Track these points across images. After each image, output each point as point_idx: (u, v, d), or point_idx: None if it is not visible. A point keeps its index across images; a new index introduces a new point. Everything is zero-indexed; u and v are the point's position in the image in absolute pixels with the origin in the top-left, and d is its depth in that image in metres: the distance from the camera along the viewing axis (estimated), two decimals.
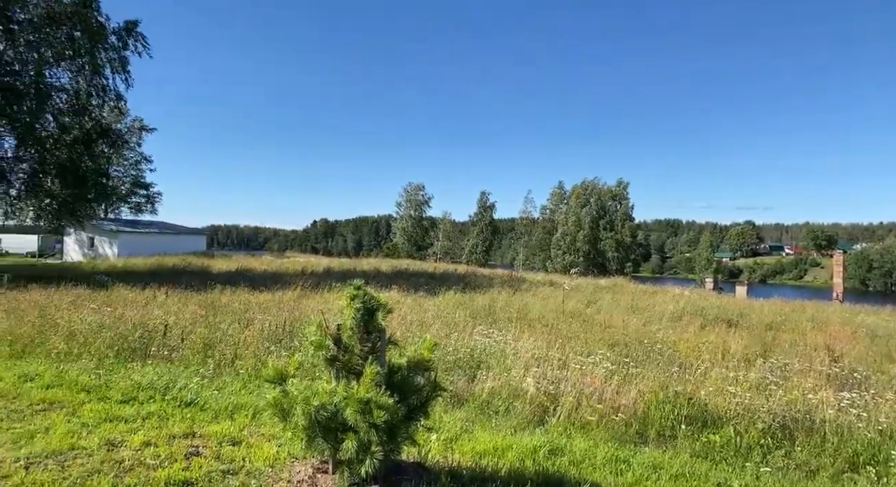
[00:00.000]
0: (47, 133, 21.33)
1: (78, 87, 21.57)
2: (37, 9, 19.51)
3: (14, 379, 6.60)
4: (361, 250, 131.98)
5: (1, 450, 4.12)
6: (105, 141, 23.74)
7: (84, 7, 19.92)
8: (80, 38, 20.29)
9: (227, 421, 5.43)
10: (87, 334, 8.87)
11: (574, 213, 73.61)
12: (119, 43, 21.45)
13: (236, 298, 14.36)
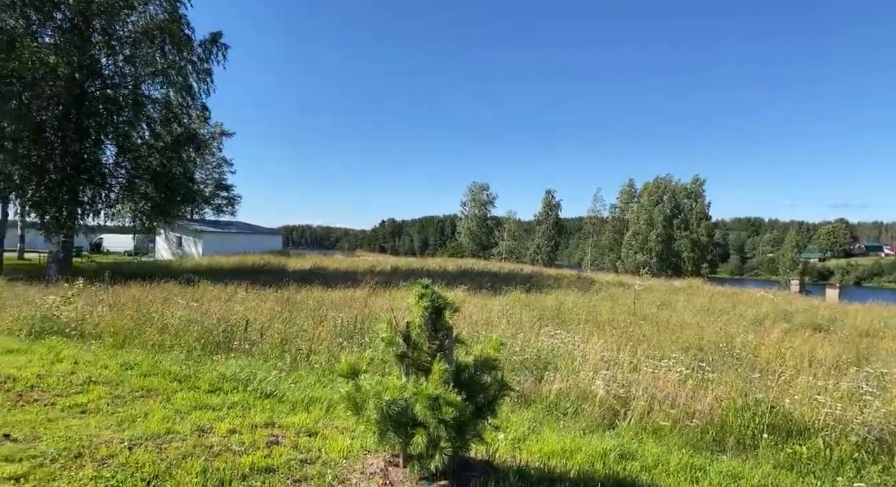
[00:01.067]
0: (142, 141, 23.14)
1: (168, 97, 23.28)
2: (134, 25, 21.21)
3: (117, 368, 7.24)
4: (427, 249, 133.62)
5: (107, 432, 4.55)
6: (191, 146, 25.42)
7: (172, 22, 21.45)
8: (171, 52, 21.87)
9: (303, 413, 5.71)
10: (178, 327, 9.55)
11: (646, 212, 71.05)
12: (204, 54, 22.93)
13: (310, 295, 15.00)
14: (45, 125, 19.42)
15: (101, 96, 21.77)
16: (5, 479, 3.52)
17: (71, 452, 4.00)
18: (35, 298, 11.64)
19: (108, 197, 23.24)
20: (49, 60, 18.03)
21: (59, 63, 18.32)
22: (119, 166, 23.39)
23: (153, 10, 21.38)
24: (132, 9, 20.40)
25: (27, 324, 9.70)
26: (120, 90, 22.10)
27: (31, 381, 6.06)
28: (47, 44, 19.43)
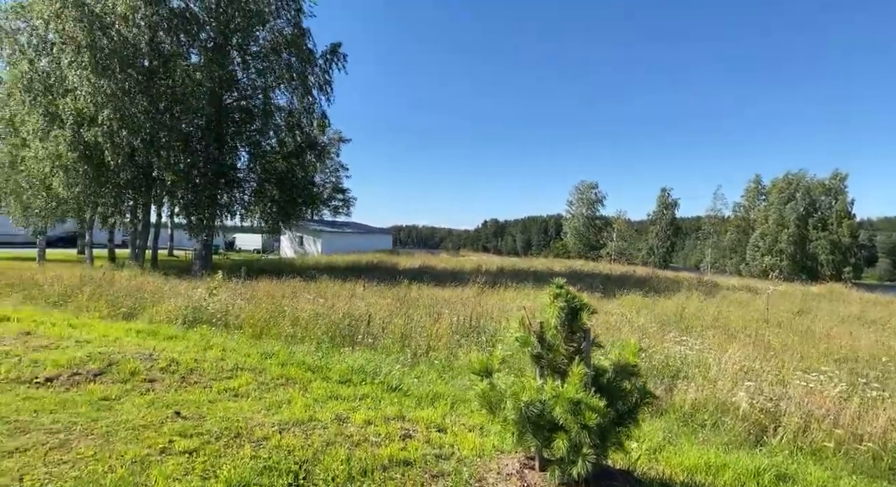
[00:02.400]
0: (270, 147, 25.10)
1: (293, 106, 25.03)
2: (265, 40, 23.07)
3: (258, 356, 7.86)
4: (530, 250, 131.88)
5: (259, 415, 4.93)
6: (312, 152, 27.14)
7: (298, 36, 23.03)
8: (295, 63, 23.51)
9: (429, 408, 5.81)
10: (307, 321, 10.19)
11: (776, 210, 64.76)
12: (325, 64, 24.38)
13: (423, 293, 15.36)
14: (191, 135, 21.70)
15: (236, 107, 23.92)
16: (181, 452, 3.92)
17: (231, 432, 4.36)
18: (185, 291, 12.99)
19: (242, 199, 25.46)
20: (196, 77, 20.13)
21: (203, 79, 20.38)
22: (251, 171, 25.54)
23: (281, 25, 23.10)
24: (264, 24, 22.20)
25: (181, 314, 10.86)
26: (252, 101, 24.14)
27: (190, 365, 6.74)
28: (194, 62, 21.71)
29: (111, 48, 18.42)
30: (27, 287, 13.48)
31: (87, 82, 18.03)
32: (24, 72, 19.21)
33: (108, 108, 18.33)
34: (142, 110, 19.42)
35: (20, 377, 5.79)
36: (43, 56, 19.71)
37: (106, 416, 4.67)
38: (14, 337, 7.70)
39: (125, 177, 20.79)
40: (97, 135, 18.51)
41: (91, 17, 18.03)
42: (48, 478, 3.41)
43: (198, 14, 21.46)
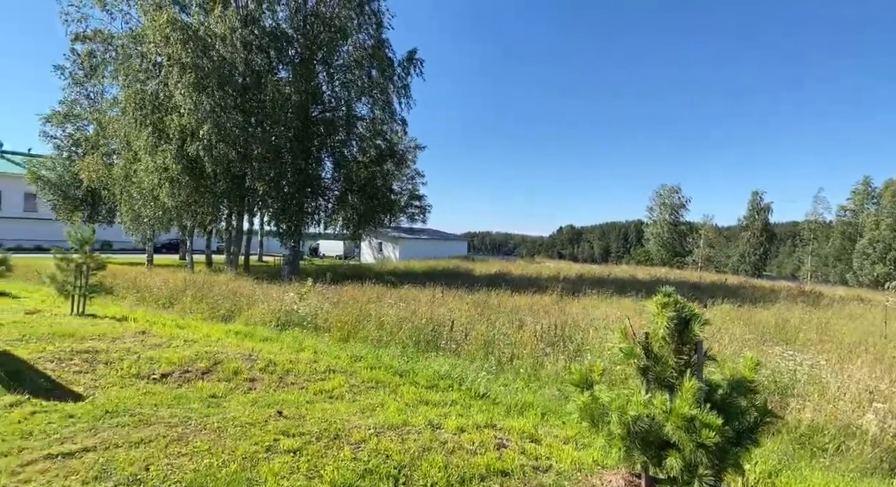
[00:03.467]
0: (351, 156, 25.98)
1: (373, 116, 25.79)
2: (348, 54, 23.98)
3: (348, 359, 8.07)
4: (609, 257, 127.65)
5: (355, 418, 5.03)
6: (392, 160, 27.81)
7: (378, 47, 23.72)
8: (376, 75, 24.22)
9: (519, 417, 5.69)
10: (392, 325, 10.37)
11: (889, 215, 58.75)
12: (403, 72, 24.93)
13: (502, 300, 15.22)
14: (280, 147, 22.88)
15: (321, 119, 24.97)
16: (286, 451, 4.05)
17: (330, 433, 4.47)
18: (276, 295, 13.62)
19: (326, 207, 26.50)
20: (285, 91, 21.24)
21: (291, 93, 21.46)
22: (335, 180, 26.54)
23: (362, 39, 23.91)
24: (346, 38, 23.08)
25: (274, 317, 11.40)
26: (336, 112, 25.11)
27: (287, 366, 7.02)
28: (283, 78, 22.92)
29: (211, 67, 19.82)
30: (140, 289, 14.69)
31: (190, 100, 19.48)
32: (136, 92, 21.07)
33: (207, 124, 19.70)
34: (237, 124, 20.72)
35: (140, 373, 6.27)
36: (152, 78, 21.53)
37: (216, 413, 4.94)
38: (132, 335, 8.39)
39: (222, 188, 22.24)
40: (198, 148, 19.93)
41: (194, 40, 19.51)
42: (170, 470, 3.63)
43: (287, 32, 22.66)
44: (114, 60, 24.01)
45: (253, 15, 21.45)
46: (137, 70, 21.47)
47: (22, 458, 3.71)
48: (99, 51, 25.59)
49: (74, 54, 27.62)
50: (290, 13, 22.83)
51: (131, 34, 22.67)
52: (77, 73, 28.56)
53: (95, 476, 3.48)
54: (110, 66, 24.73)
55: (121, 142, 23.72)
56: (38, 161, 34.28)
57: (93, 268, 11.24)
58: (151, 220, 25.37)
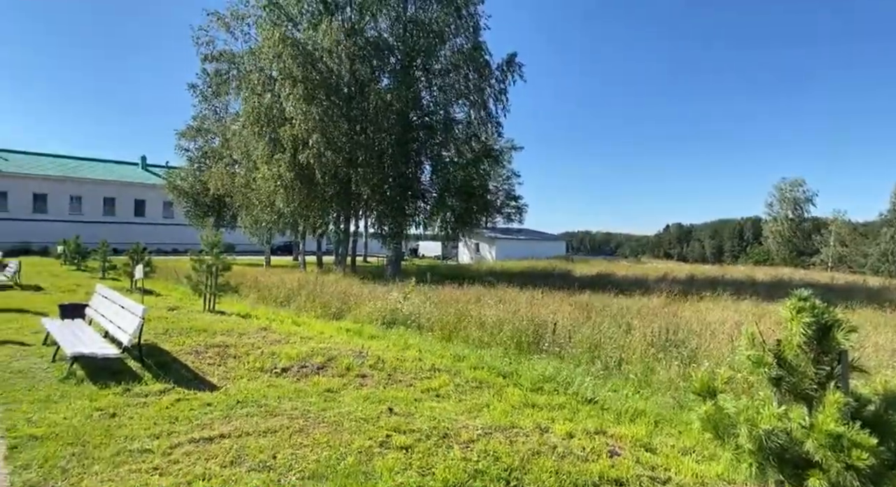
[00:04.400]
0: (449, 159, 26.39)
1: (470, 119, 26.04)
2: (445, 58, 24.42)
3: (451, 358, 8.19)
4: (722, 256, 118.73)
5: (462, 417, 5.09)
6: (488, 161, 27.89)
7: (475, 50, 23.90)
8: (473, 77, 24.43)
9: (630, 425, 5.44)
10: (493, 326, 10.38)
11: None
12: (501, 75, 24.92)
13: (606, 301, 14.70)
14: (383, 152, 23.81)
15: (420, 124, 25.65)
16: (398, 447, 4.19)
17: (439, 432, 4.56)
18: (382, 294, 14.14)
19: (425, 209, 27.17)
20: (386, 99, 22.07)
21: (392, 100, 22.26)
22: (433, 183, 27.14)
23: (460, 43, 24.24)
24: (444, 43, 23.54)
25: (380, 315, 11.86)
26: (434, 117, 25.66)
27: (394, 364, 7.27)
28: (384, 86, 23.84)
29: (319, 80, 21.07)
30: (260, 288, 15.93)
31: (300, 111, 20.85)
32: (254, 106, 22.92)
33: (316, 133, 20.96)
34: (342, 133, 21.86)
35: (263, 367, 6.80)
36: (268, 91, 23.30)
37: (332, 407, 5.23)
38: (256, 331, 9.12)
39: (330, 193, 23.55)
40: (308, 156, 21.26)
41: (304, 54, 20.84)
42: (294, 459, 3.89)
43: (388, 40, 23.52)
44: (236, 78, 26.31)
45: (356, 26, 22.50)
46: (255, 85, 23.34)
47: (171, 441, 4.16)
48: (224, 69, 28.15)
49: (204, 74, 30.61)
50: (391, 22, 23.67)
51: (250, 52, 24.69)
52: (206, 91, 31.57)
53: (231, 461, 3.81)
54: (233, 82, 27.11)
55: (242, 152, 25.90)
56: (174, 172, 38.39)
57: (221, 269, 12.36)
58: (269, 224, 27.47)
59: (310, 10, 23.49)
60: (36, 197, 49.76)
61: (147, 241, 23.10)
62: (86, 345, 6.21)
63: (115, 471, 3.59)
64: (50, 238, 40.15)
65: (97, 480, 3.45)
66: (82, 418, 4.64)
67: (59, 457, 3.79)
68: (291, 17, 23.86)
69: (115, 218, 52.81)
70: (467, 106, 26.06)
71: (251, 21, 25.59)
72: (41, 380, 5.84)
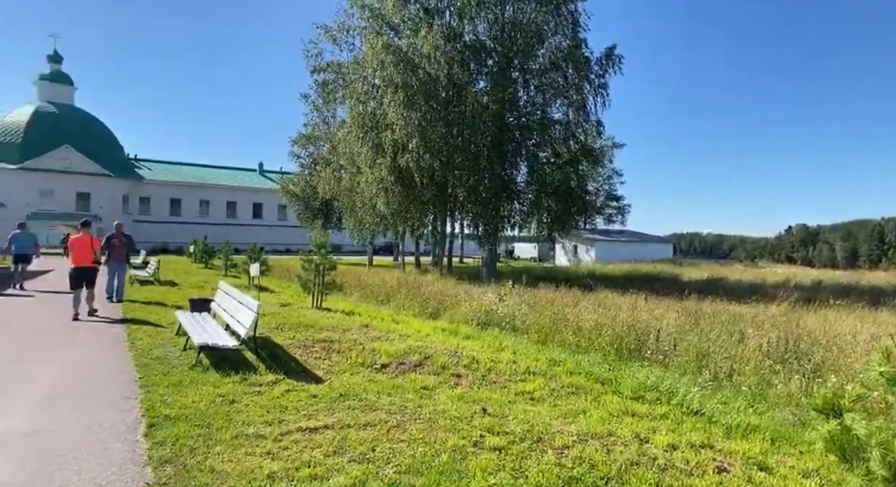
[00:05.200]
0: (546, 159, 25.98)
1: (568, 118, 25.50)
2: (543, 58, 24.12)
3: (546, 362, 8.08)
4: (857, 261, 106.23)
5: (557, 422, 5.00)
6: (587, 161, 27.11)
7: (575, 49, 23.36)
8: (571, 75, 23.90)
9: (742, 441, 5.05)
10: (590, 330, 10.08)
11: None
12: (600, 70, 24.15)
13: (716, 308, 13.73)
14: (478, 154, 23.99)
15: (516, 125, 25.53)
16: (491, 448, 4.21)
17: (533, 435, 4.52)
18: (477, 295, 14.23)
19: (521, 210, 26.99)
20: (483, 101, 22.23)
21: (489, 102, 22.38)
22: (529, 184, 26.87)
23: (558, 40, 23.82)
24: (542, 42, 23.26)
25: (475, 316, 11.96)
26: (531, 117, 25.43)
27: (488, 365, 7.31)
28: (481, 88, 24.02)
29: (418, 85, 21.69)
30: (363, 287, 16.70)
31: (401, 116, 21.59)
32: (358, 113, 24.08)
33: (415, 137, 21.60)
34: (440, 136, 22.32)
35: (364, 362, 7.13)
36: (371, 99, 24.36)
37: (427, 404, 5.37)
38: (358, 328, 9.58)
39: (428, 195, 24.15)
40: (407, 160, 21.97)
41: (405, 61, 21.56)
42: (392, 453, 4.04)
43: (485, 43, 23.68)
44: (342, 87, 27.80)
45: (455, 31, 22.88)
46: (359, 93, 24.51)
47: (281, 428, 4.49)
48: (331, 79, 29.85)
49: (315, 84, 32.71)
50: (489, 24, 23.81)
51: (355, 62, 25.97)
52: (317, 101, 33.66)
53: (334, 451, 4.04)
54: (340, 92, 28.67)
55: (347, 158, 27.29)
56: (287, 177, 41.34)
57: (327, 268, 13.11)
58: (371, 226, 28.69)
59: (411, 18, 24.26)
60: (172, 202, 55.96)
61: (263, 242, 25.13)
62: (210, 337, 6.88)
63: (233, 453, 3.95)
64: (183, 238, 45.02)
65: (219, 460, 3.80)
66: (207, 402, 5.14)
67: (188, 437, 4.23)
68: (393, 27, 24.77)
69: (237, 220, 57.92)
70: (565, 105, 25.56)
71: (356, 33, 26.92)
72: (175, 367, 6.55)
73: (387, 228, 29.51)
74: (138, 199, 53.23)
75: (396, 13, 24.05)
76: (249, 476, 3.54)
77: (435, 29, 21.90)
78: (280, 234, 56.03)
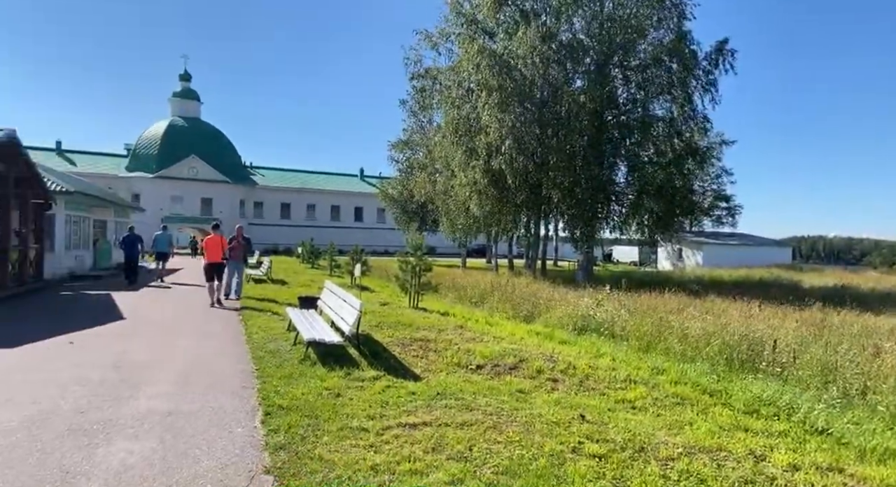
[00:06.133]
0: (647, 159, 24.79)
1: (672, 115, 24.19)
2: (645, 53, 23.10)
3: (648, 371, 7.72)
4: None
5: (660, 433, 4.78)
6: (693, 159, 25.52)
7: (680, 42, 22.12)
8: (676, 70, 22.64)
9: (879, 466, 4.54)
10: (697, 339, 9.49)
11: None
12: (709, 65, 22.67)
13: (845, 318, 12.38)
14: (574, 155, 23.41)
15: (615, 123, 24.63)
16: (590, 455, 4.11)
17: (635, 445, 4.35)
18: (573, 299, 13.90)
19: (620, 212, 25.97)
20: (580, 100, 21.69)
21: (586, 101, 21.78)
22: (628, 184, 25.81)
23: (661, 34, 22.69)
24: (644, 37, 22.27)
25: (571, 321, 11.69)
26: (631, 115, 24.42)
27: (586, 371, 7.12)
28: (578, 87, 23.45)
29: (512, 87, 21.63)
30: (457, 288, 16.94)
31: (495, 119, 21.63)
32: (453, 117, 24.45)
33: (509, 139, 21.53)
34: (534, 137, 22.07)
35: (460, 362, 7.23)
36: (466, 103, 24.64)
37: (523, 407, 5.34)
38: (453, 329, 9.73)
39: (521, 198, 23.97)
40: (501, 163, 21.94)
41: (500, 63, 21.60)
42: (488, 454, 4.07)
43: (583, 41, 23.11)
44: (439, 92, 28.40)
45: (551, 31, 22.55)
46: (454, 97, 24.89)
47: (383, 423, 4.68)
48: (428, 85, 30.59)
49: (413, 90, 33.73)
50: (587, 22, 23.22)
51: (451, 67, 26.42)
52: (414, 107, 34.68)
53: (433, 448, 4.14)
54: (436, 97, 29.30)
55: (442, 161, 27.80)
56: (386, 182, 42.90)
57: (423, 270, 13.45)
58: (464, 228, 28.99)
59: (506, 21, 24.25)
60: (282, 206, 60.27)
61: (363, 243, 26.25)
62: (317, 333, 7.31)
63: (339, 444, 4.17)
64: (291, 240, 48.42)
65: (326, 450, 4.04)
66: (315, 395, 5.47)
67: (298, 426, 4.53)
68: (488, 31, 24.88)
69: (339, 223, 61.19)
70: (669, 101, 24.28)
71: (454, 38, 27.36)
72: (286, 360, 7.03)
73: (480, 230, 29.65)
74: (253, 204, 57.91)
75: (492, 17, 24.11)
76: (354, 467, 3.72)
77: (531, 30, 21.71)
78: (379, 236, 58.30)
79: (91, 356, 7.09)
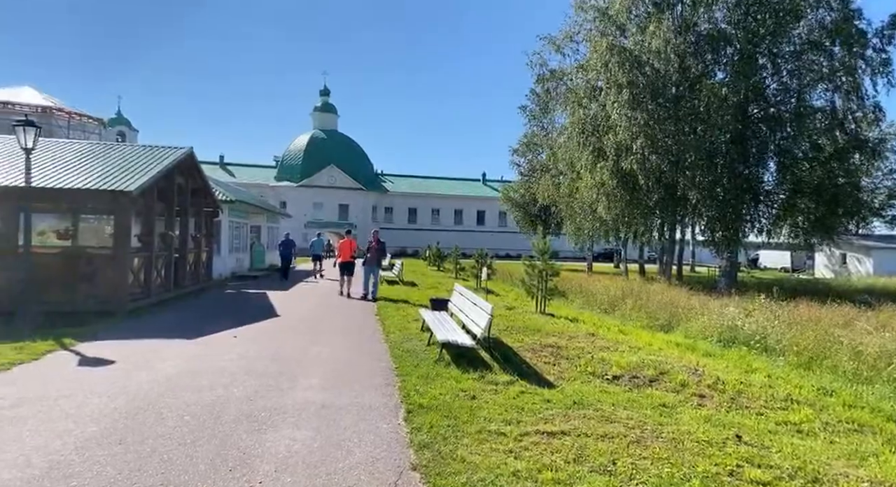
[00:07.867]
0: (802, 154, 22.10)
1: (833, 105, 21.41)
2: (800, 39, 20.68)
3: (812, 390, 6.88)
4: None
5: (837, 463, 4.22)
6: (860, 153, 22.34)
7: (845, 23, 19.51)
8: (839, 54, 20.00)
9: None
10: (875, 357, 8.27)
11: None
12: (881, 43, 19.74)
13: None
14: (714, 152, 21.58)
15: (762, 116, 22.31)
16: (751, 481, 3.74)
17: (807, 474, 3.88)
18: (716, 308, 12.79)
19: (769, 213, 23.47)
20: (721, 93, 19.95)
21: (728, 94, 19.98)
22: (779, 183, 23.25)
23: (821, 15, 20.17)
24: (798, 20, 19.95)
25: (716, 332, 10.78)
26: (782, 107, 22.00)
27: (737, 387, 6.51)
28: (718, 79, 21.61)
29: (644, 83, 20.52)
30: (585, 294, 16.43)
31: (625, 117, 20.67)
32: (579, 118, 23.79)
33: (640, 138, 20.44)
34: (668, 135, 20.72)
35: (595, 372, 6.98)
36: (593, 102, 23.86)
37: (669, 423, 5.01)
38: (584, 336, 9.44)
39: (653, 199, 22.61)
40: (632, 162, 20.90)
41: (630, 60, 20.63)
42: (634, 469, 3.86)
43: (724, 30, 21.31)
44: (563, 93, 27.87)
45: (688, 22, 21.10)
46: (581, 97, 24.21)
47: (520, 429, 4.64)
48: (553, 87, 30.16)
49: (533, 94, 33.46)
50: (729, 9, 21.36)
51: (578, 67, 25.77)
52: (535, 111, 34.44)
53: (574, 458, 4.03)
54: (560, 98, 28.78)
55: (566, 163, 27.16)
56: (508, 185, 42.98)
57: (550, 274, 13.23)
58: (590, 232, 28.05)
59: (638, 15, 23.08)
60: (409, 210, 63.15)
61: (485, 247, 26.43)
62: (451, 334, 7.49)
63: (479, 446, 4.21)
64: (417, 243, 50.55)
65: (468, 451, 4.10)
66: (451, 396, 5.59)
67: (438, 426, 4.65)
68: (619, 26, 23.85)
69: (462, 226, 62.63)
70: (829, 90, 21.53)
71: (579, 38, 26.68)
72: (422, 360, 7.29)
73: (607, 234, 28.47)
74: (383, 209, 61.52)
75: (623, 12, 23.07)
76: (496, 472, 3.73)
77: (665, 23, 20.43)
78: (500, 240, 58.54)
79: (254, 349, 7.92)
